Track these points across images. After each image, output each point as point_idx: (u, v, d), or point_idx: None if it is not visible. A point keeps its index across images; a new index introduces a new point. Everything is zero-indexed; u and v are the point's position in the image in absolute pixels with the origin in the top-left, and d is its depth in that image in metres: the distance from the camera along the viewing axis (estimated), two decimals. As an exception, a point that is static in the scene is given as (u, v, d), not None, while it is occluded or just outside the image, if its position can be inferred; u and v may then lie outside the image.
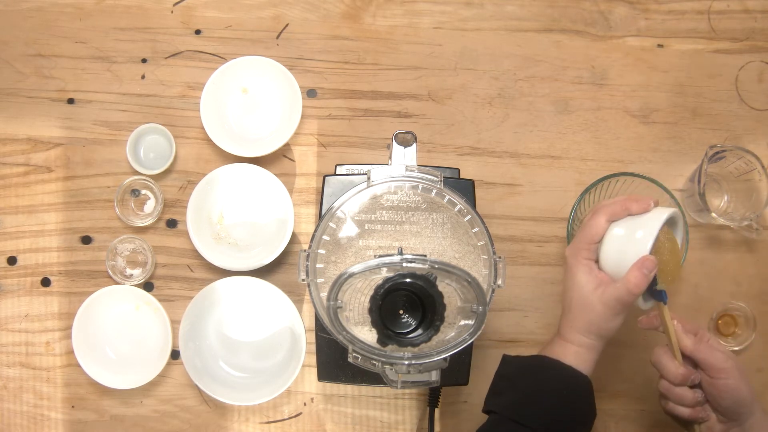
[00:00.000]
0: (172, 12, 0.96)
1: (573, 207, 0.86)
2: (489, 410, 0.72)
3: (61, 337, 0.90)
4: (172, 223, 0.92)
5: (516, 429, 0.68)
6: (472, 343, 0.69)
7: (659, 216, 0.72)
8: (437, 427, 0.87)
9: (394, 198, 0.73)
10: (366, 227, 0.72)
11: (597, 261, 0.75)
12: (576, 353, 0.72)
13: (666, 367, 0.72)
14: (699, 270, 0.93)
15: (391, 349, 0.68)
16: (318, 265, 0.70)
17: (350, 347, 0.68)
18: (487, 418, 0.72)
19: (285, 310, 0.87)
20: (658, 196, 0.85)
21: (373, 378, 0.77)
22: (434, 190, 0.72)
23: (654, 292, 0.73)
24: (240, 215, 0.91)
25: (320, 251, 0.71)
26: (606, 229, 0.73)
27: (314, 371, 0.84)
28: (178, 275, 0.91)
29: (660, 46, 0.97)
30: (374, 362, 0.69)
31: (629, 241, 0.71)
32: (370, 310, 0.65)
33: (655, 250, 0.72)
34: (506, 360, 0.75)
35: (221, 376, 0.88)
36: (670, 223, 0.74)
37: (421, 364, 0.68)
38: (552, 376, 0.71)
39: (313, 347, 0.83)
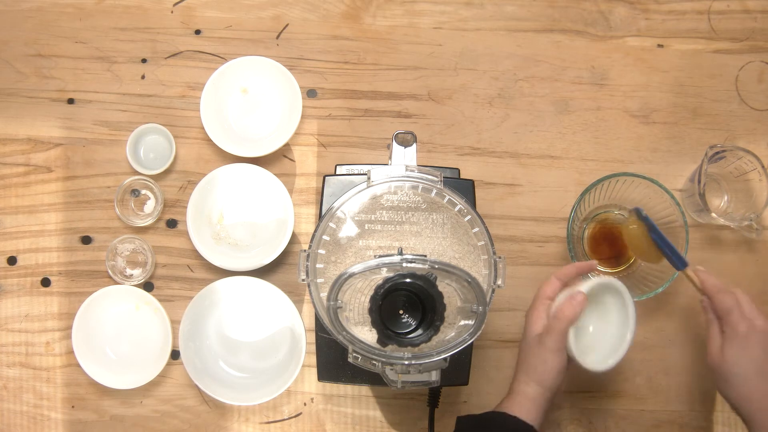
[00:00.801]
0: (172, 12, 0.96)
1: (573, 207, 0.86)
2: None
3: (61, 337, 0.90)
4: (172, 223, 0.92)
5: None
6: (472, 343, 0.69)
7: (600, 278, 0.78)
8: (437, 427, 0.87)
9: (394, 198, 0.73)
10: (366, 227, 0.72)
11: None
12: (519, 404, 0.74)
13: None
14: (699, 270, 0.93)
15: (391, 349, 0.68)
16: (318, 265, 0.70)
17: (350, 347, 0.68)
18: None
19: (285, 310, 0.87)
20: (658, 196, 0.85)
21: (373, 378, 0.77)
22: (434, 190, 0.72)
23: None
24: (240, 215, 0.91)
25: (320, 251, 0.71)
26: (558, 287, 0.78)
27: (314, 371, 0.84)
28: (178, 275, 0.91)
29: (660, 46, 0.97)
30: (374, 362, 0.69)
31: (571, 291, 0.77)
32: (370, 310, 0.65)
33: (631, 240, 0.84)
34: (459, 420, 0.77)
35: (221, 376, 0.88)
36: (611, 292, 0.79)
37: (421, 364, 0.68)
38: (498, 429, 0.73)
39: (313, 347, 0.83)
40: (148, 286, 0.91)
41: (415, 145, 0.75)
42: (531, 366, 0.76)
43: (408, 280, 0.65)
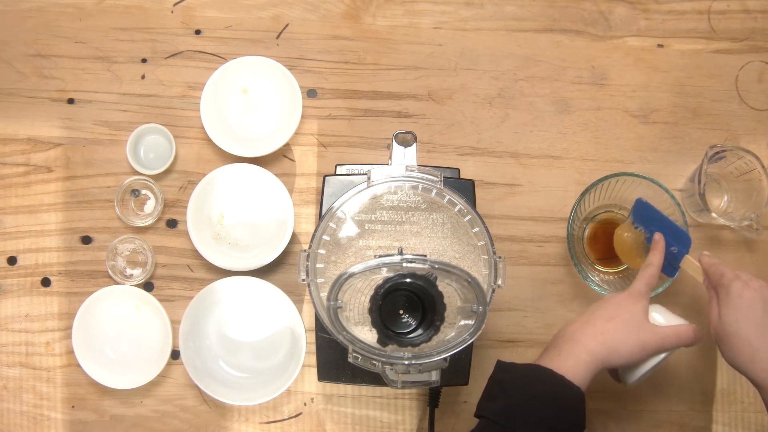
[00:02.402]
0: (172, 12, 0.96)
1: (573, 207, 0.86)
2: (480, 415, 0.71)
3: (61, 337, 0.90)
4: (172, 223, 0.92)
5: None
6: (472, 343, 0.69)
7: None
8: (437, 427, 0.87)
9: (394, 198, 0.73)
10: (366, 227, 0.72)
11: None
12: (582, 362, 0.71)
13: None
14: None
15: (391, 349, 0.68)
16: (318, 265, 0.70)
17: (350, 347, 0.68)
18: (477, 422, 0.72)
19: (285, 310, 0.87)
20: (657, 196, 0.85)
21: (373, 378, 0.77)
22: (434, 190, 0.72)
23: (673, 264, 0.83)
24: (240, 215, 0.91)
25: (320, 251, 0.71)
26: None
27: (314, 371, 0.84)
28: (178, 275, 0.91)
29: (660, 46, 0.97)
30: (374, 362, 0.69)
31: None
32: (370, 310, 0.65)
33: (621, 247, 0.87)
34: (500, 366, 0.73)
35: (221, 376, 0.88)
36: None
37: (421, 364, 0.68)
38: (545, 386, 0.70)
39: (313, 347, 0.83)
40: (148, 286, 0.91)
41: (415, 145, 0.75)
42: (620, 341, 0.72)
43: (408, 280, 0.65)
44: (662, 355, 0.75)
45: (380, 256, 0.66)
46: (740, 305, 0.74)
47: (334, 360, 0.80)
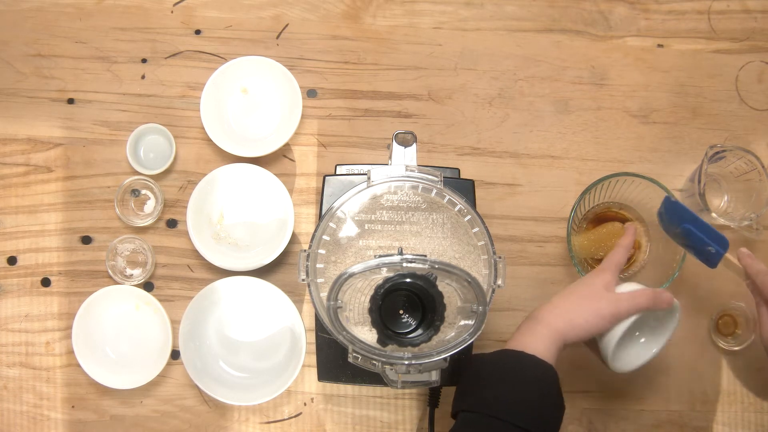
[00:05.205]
0: (172, 12, 0.96)
1: (573, 207, 0.86)
2: (457, 412, 0.71)
3: (61, 337, 0.90)
4: (172, 223, 0.92)
5: (487, 422, 0.67)
6: (472, 343, 0.69)
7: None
8: (437, 427, 0.87)
9: (394, 198, 0.73)
10: (366, 227, 0.72)
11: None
12: (541, 336, 0.72)
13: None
14: (699, 270, 0.93)
15: (391, 349, 0.68)
16: (318, 265, 0.70)
17: (350, 347, 0.68)
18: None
19: (285, 310, 0.87)
20: (658, 196, 0.85)
21: (373, 378, 0.77)
22: (434, 190, 0.72)
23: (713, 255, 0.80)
24: (240, 215, 0.91)
25: (320, 251, 0.71)
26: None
27: (314, 371, 0.84)
28: (178, 275, 0.91)
29: (660, 46, 0.97)
30: (374, 362, 0.69)
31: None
32: (370, 310, 0.65)
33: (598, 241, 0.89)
34: (472, 359, 0.74)
35: (221, 376, 0.88)
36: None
37: (421, 364, 0.68)
38: (512, 365, 0.70)
39: (313, 347, 0.83)
40: (148, 286, 0.91)
41: (415, 145, 0.75)
42: (578, 314, 0.73)
43: (408, 280, 0.65)
44: (627, 323, 0.74)
45: (380, 256, 0.66)
46: None
47: (334, 360, 0.80)
